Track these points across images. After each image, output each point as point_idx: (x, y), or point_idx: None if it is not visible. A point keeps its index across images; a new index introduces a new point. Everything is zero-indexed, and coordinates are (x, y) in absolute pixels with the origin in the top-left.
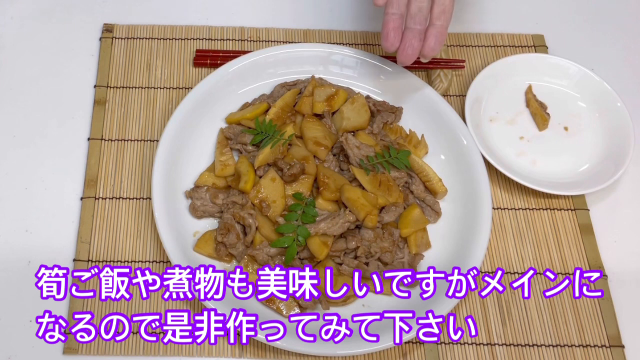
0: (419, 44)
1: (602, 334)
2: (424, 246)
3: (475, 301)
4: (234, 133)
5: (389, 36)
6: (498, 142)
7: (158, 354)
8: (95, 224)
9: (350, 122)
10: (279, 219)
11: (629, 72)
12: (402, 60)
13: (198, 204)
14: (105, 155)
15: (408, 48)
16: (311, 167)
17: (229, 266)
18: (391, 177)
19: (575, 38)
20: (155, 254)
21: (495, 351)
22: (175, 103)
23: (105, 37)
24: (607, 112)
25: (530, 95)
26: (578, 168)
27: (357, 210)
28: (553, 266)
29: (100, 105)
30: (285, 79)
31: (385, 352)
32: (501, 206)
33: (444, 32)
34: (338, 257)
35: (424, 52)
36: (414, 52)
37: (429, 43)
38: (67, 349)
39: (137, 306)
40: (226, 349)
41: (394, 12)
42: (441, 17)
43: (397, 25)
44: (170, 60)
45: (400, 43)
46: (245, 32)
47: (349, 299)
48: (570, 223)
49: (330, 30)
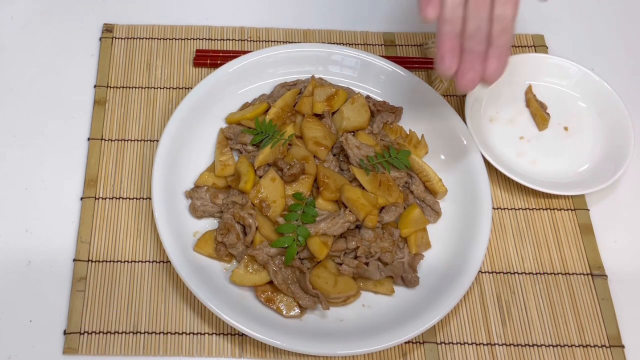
0: (481, 67)
1: (602, 334)
2: (424, 246)
3: (475, 301)
4: (234, 133)
5: (446, 58)
6: (498, 142)
7: (158, 354)
8: (95, 224)
9: (350, 122)
10: (279, 219)
11: (629, 72)
12: (462, 87)
13: (198, 204)
14: (105, 155)
15: (469, 72)
16: (311, 167)
17: (228, 266)
18: (391, 177)
19: (575, 38)
20: (155, 254)
21: (495, 351)
22: (175, 103)
23: (105, 37)
24: (607, 112)
25: (530, 95)
26: (578, 168)
27: (357, 210)
28: (553, 266)
29: (100, 105)
30: (285, 79)
31: (385, 352)
32: (501, 206)
33: (507, 53)
34: (338, 257)
35: (486, 76)
36: (476, 76)
37: (492, 65)
38: (67, 349)
39: (138, 306)
40: (226, 349)
41: (449, 30)
42: (502, 36)
43: (455, 46)
44: (170, 60)
45: (459, 66)
46: (245, 32)
47: (349, 299)
48: (570, 223)
49: (330, 30)
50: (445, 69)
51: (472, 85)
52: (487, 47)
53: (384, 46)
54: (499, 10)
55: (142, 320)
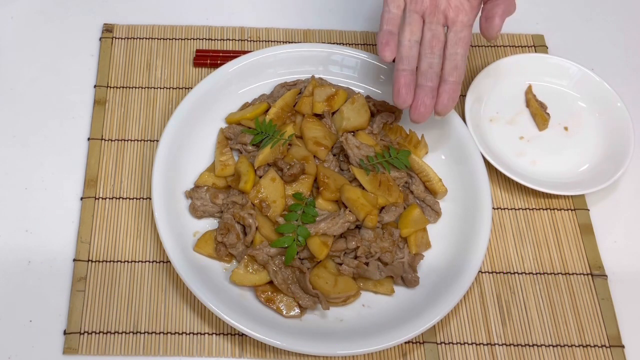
0: (432, 101)
1: (602, 334)
2: (424, 246)
3: (475, 301)
4: (234, 133)
5: (401, 93)
6: (498, 142)
7: (158, 354)
8: (95, 224)
9: (350, 122)
10: (279, 219)
11: (629, 72)
12: (415, 119)
13: (198, 204)
14: (105, 155)
15: (421, 106)
16: (311, 167)
17: (228, 266)
18: (391, 177)
19: (575, 38)
20: (155, 254)
21: (495, 351)
22: (175, 103)
23: (105, 37)
24: (607, 112)
25: (530, 95)
26: (578, 168)
27: (357, 210)
28: (553, 266)
29: (100, 105)
30: (285, 79)
31: (385, 352)
32: (501, 206)
33: (456, 88)
34: (338, 257)
35: (437, 110)
36: (427, 110)
37: (442, 100)
38: (67, 349)
39: (138, 306)
40: (226, 349)
41: (405, 68)
42: (453, 73)
43: (409, 82)
44: (170, 60)
45: (412, 101)
46: (245, 32)
47: (349, 299)
48: (570, 223)
49: (330, 30)
50: (401, 102)
51: (423, 118)
52: (438, 84)
53: None
54: (450, 49)
55: (142, 320)
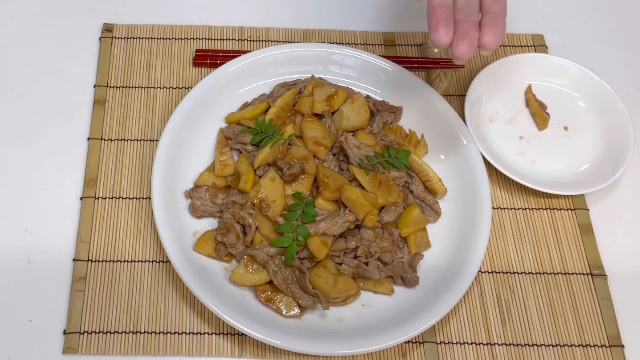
0: (477, 34)
1: (602, 334)
2: (424, 246)
3: (475, 301)
4: (234, 133)
5: (439, 27)
6: (498, 142)
7: (158, 354)
8: (95, 224)
9: (350, 122)
10: (279, 219)
11: (629, 72)
12: (459, 54)
13: (198, 204)
14: (105, 155)
15: (465, 39)
16: (311, 167)
17: (228, 266)
18: (391, 177)
19: (575, 38)
20: (155, 254)
21: (495, 351)
22: (175, 103)
23: (105, 37)
24: (607, 112)
25: (530, 95)
26: (578, 168)
27: (357, 210)
28: (553, 266)
29: (100, 105)
30: (285, 79)
31: (385, 352)
32: (501, 206)
33: (502, 20)
34: (338, 257)
35: (483, 44)
36: (472, 43)
37: (489, 31)
38: (67, 349)
39: (138, 306)
40: (226, 349)
41: (440, 3)
42: (496, 5)
43: (447, 16)
44: (170, 60)
45: (454, 36)
46: (245, 32)
47: (349, 299)
48: (570, 223)
49: (330, 30)
50: (440, 37)
51: (469, 53)
52: (480, 18)
53: (384, 46)
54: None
55: (142, 320)
